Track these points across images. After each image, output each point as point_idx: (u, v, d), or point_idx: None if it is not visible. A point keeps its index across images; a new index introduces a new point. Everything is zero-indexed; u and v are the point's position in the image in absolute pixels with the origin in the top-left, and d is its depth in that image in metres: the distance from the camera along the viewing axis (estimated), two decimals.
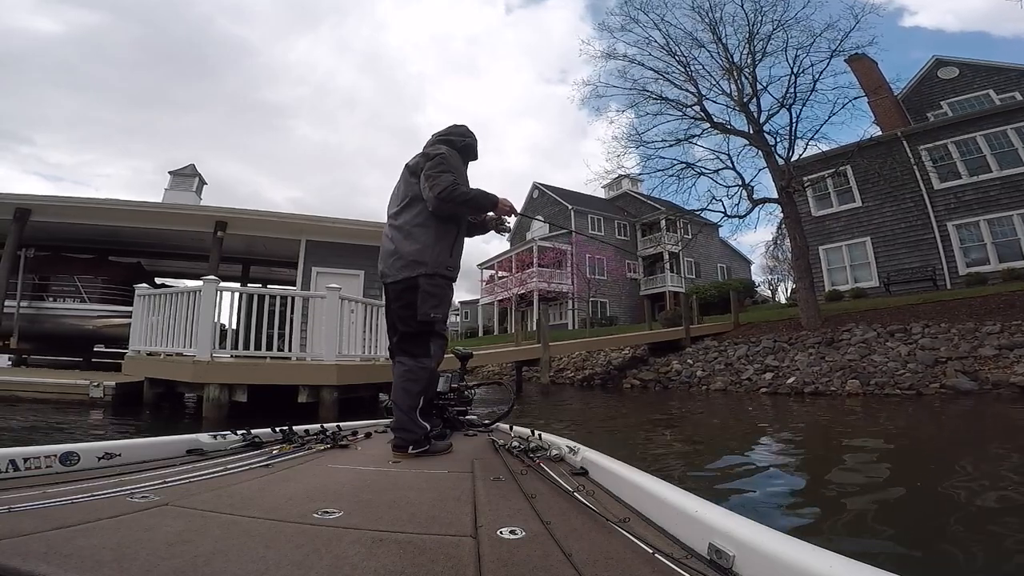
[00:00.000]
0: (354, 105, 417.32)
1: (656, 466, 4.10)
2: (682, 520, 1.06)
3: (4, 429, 5.08)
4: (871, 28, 13.82)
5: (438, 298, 2.26)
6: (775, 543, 0.83)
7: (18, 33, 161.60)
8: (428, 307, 2.23)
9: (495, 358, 14.78)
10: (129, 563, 0.84)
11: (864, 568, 0.74)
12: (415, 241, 2.26)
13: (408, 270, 2.25)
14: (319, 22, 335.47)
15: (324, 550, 0.95)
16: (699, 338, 14.95)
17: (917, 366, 9.09)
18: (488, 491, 1.49)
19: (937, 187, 16.32)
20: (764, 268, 43.06)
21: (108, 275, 11.86)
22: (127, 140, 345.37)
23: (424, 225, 2.27)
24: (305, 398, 6.28)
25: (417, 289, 2.22)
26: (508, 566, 0.91)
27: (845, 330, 11.71)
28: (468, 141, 2.53)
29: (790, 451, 4.98)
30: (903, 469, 4.11)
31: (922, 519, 2.78)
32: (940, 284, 15.70)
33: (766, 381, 10.54)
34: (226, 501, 1.29)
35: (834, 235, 18.44)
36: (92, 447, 1.68)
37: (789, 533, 0.92)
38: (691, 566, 0.89)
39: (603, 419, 7.86)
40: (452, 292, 2.37)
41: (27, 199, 10.36)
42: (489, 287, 36.20)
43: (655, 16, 15.22)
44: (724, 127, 15.25)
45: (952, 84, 19.52)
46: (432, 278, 2.24)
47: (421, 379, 2.23)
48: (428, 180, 2.22)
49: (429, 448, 2.16)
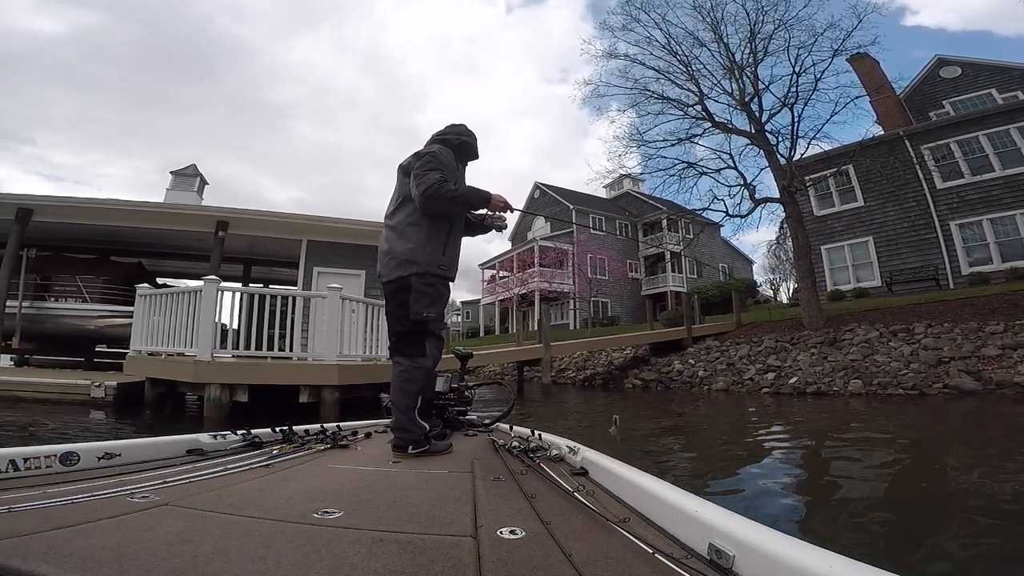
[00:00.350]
0: (354, 105, 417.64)
1: (660, 464, 4.09)
2: (682, 520, 1.06)
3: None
4: (873, 27, 13.80)
5: (431, 297, 2.25)
6: (775, 543, 0.83)
7: (18, 33, 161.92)
8: (420, 306, 2.22)
9: (496, 358, 14.77)
10: (129, 563, 0.84)
11: (864, 568, 0.73)
12: (407, 240, 2.26)
13: (401, 269, 2.25)
14: (319, 22, 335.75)
15: (324, 550, 0.95)
16: (701, 338, 14.92)
17: (920, 366, 9.05)
18: (488, 491, 1.49)
19: (940, 186, 16.28)
20: (766, 268, 43.04)
21: (109, 275, 11.88)
22: (128, 140, 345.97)
23: (416, 224, 2.27)
24: (306, 398, 6.27)
25: (410, 289, 2.23)
26: (508, 566, 0.91)
27: (847, 330, 11.68)
28: (465, 139, 2.51)
29: (792, 451, 4.96)
30: (907, 468, 4.09)
31: (927, 520, 2.76)
32: (943, 284, 15.63)
33: (768, 381, 10.51)
34: (226, 501, 1.29)
35: (836, 235, 18.39)
36: (92, 447, 1.68)
37: (789, 533, 0.91)
38: (691, 566, 0.89)
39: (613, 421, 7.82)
40: (447, 291, 2.35)
41: (28, 199, 10.36)
42: (490, 287, 36.18)
43: (656, 15, 15.21)
44: (726, 126, 15.21)
45: (954, 83, 19.43)
46: (424, 277, 2.24)
47: (418, 379, 2.22)
48: (415, 179, 2.23)
49: (429, 448, 2.15)
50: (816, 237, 17.35)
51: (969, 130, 16.13)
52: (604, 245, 32.47)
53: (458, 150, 2.45)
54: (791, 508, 3.09)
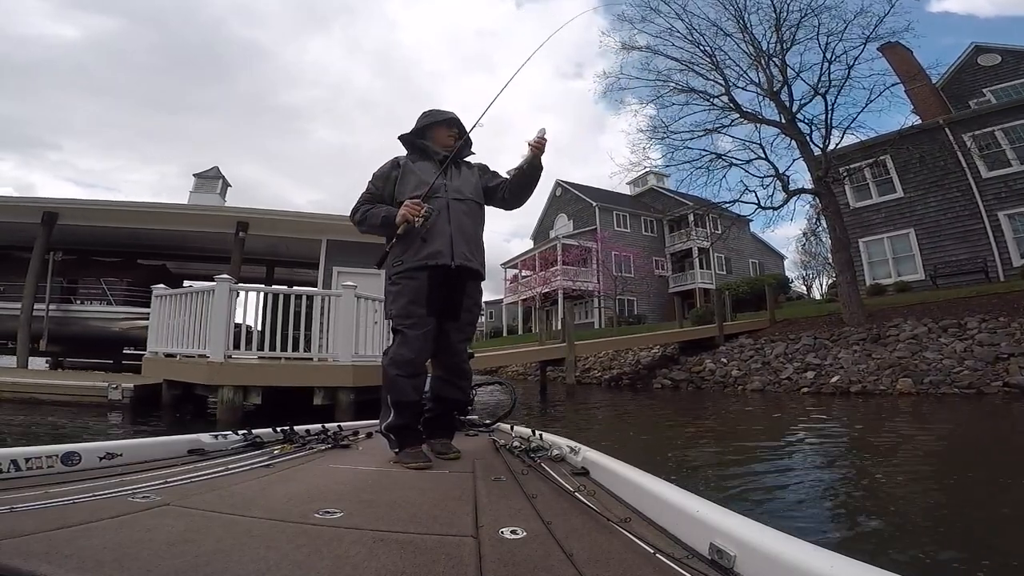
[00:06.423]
0: (369, 105, 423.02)
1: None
2: (683, 520, 1.06)
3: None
4: (907, 13, 13.10)
5: (392, 295, 2.24)
6: (776, 543, 0.82)
7: (37, 40, 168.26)
8: (387, 305, 2.28)
9: (518, 358, 14.48)
10: (130, 563, 0.84)
11: (866, 568, 0.72)
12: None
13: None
14: (329, 22, 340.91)
15: (325, 550, 0.95)
16: (733, 336, 14.31)
17: (976, 363, 8.43)
18: (489, 491, 1.49)
19: (985, 176, 15.46)
20: (797, 264, 41.88)
21: (134, 277, 11.97)
22: (150, 145, 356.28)
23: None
24: (321, 400, 6.06)
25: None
26: (509, 566, 0.91)
27: (892, 325, 11.00)
28: (411, 130, 2.44)
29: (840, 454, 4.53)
30: (959, 472, 3.66)
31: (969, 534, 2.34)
32: (992, 276, 14.75)
33: (808, 380, 9.96)
34: (227, 501, 1.29)
35: (874, 227, 17.58)
36: (94, 447, 1.68)
37: (789, 533, 0.88)
38: (692, 566, 0.89)
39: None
40: (411, 280, 2.17)
41: (54, 203, 10.48)
42: (513, 287, 35.90)
43: (677, 6, 14.67)
44: (755, 116, 14.63)
45: (995, 71, 18.55)
46: (389, 279, 2.26)
47: (384, 377, 2.17)
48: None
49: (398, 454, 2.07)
50: (853, 230, 16.57)
51: (1015, 117, 15.28)
52: (629, 242, 31.89)
53: (414, 136, 2.42)
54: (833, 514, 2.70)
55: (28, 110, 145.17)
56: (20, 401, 6.42)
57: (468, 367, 2.41)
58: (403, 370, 2.11)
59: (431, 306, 2.15)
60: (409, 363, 2.12)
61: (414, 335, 2.13)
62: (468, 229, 2.27)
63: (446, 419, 2.33)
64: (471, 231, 2.29)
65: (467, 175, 2.38)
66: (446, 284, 2.18)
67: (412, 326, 2.14)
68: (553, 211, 36.90)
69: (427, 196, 2.19)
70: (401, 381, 2.10)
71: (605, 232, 30.46)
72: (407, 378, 2.11)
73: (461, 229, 2.23)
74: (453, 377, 2.31)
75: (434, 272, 2.15)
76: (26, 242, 10.52)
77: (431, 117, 2.42)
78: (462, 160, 2.43)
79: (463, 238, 2.22)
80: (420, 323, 2.14)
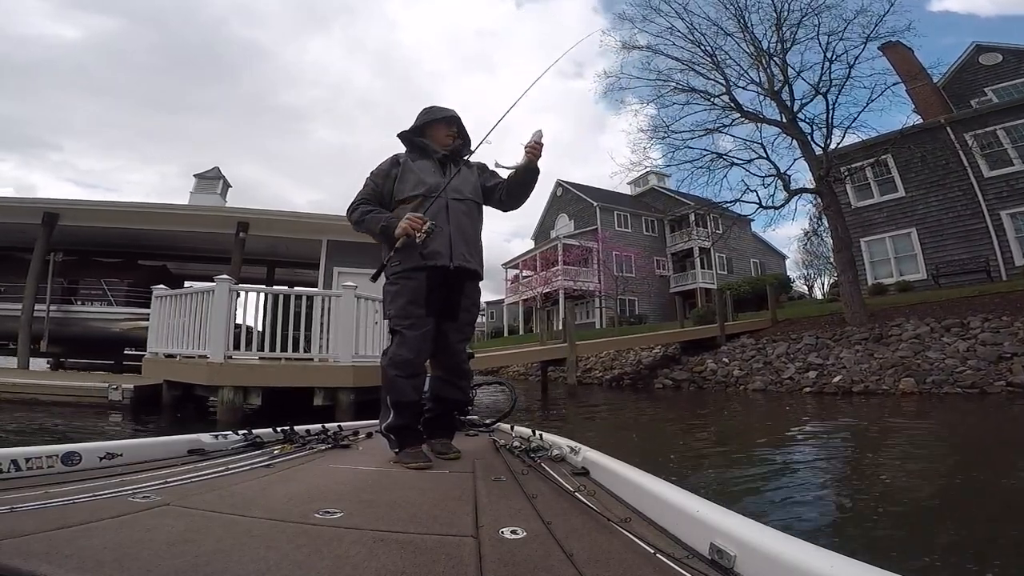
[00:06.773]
0: (368, 105, 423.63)
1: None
2: (683, 520, 1.06)
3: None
4: (907, 12, 13.09)
5: (391, 295, 2.21)
6: (777, 543, 0.82)
7: (37, 40, 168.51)
8: (385, 306, 2.26)
9: (519, 358, 14.47)
10: (130, 563, 0.84)
11: (866, 568, 0.72)
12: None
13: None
14: (329, 22, 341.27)
15: (325, 550, 0.95)
16: (735, 336, 14.28)
17: (979, 362, 8.39)
18: (489, 491, 1.49)
19: (987, 175, 15.40)
20: (798, 263, 41.83)
21: (134, 278, 11.96)
22: (151, 145, 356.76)
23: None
24: (321, 400, 6.04)
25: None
26: (509, 566, 0.91)
27: (894, 325, 10.96)
28: (411, 127, 2.39)
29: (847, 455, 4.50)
30: (963, 471, 3.66)
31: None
32: (995, 276, 14.70)
33: (809, 380, 9.93)
34: (227, 501, 1.29)
35: (876, 226, 17.52)
36: (94, 447, 1.68)
37: (790, 533, 0.88)
38: (692, 566, 0.88)
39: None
40: (409, 280, 2.14)
41: (54, 203, 10.48)
42: (514, 287, 35.85)
43: (678, 6, 14.64)
44: (756, 116, 14.60)
45: (996, 70, 18.47)
46: (388, 279, 2.23)
47: (383, 377, 2.15)
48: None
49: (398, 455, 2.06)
50: (855, 229, 16.48)
51: (1016, 116, 15.21)
52: (630, 242, 31.86)
53: (413, 133, 2.38)
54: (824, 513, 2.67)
55: (28, 110, 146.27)
56: (21, 402, 6.41)
57: (468, 367, 2.39)
58: (402, 370, 2.09)
59: (430, 306, 2.13)
60: (408, 363, 2.10)
61: (413, 335, 2.11)
62: (467, 229, 2.25)
63: (446, 419, 2.31)
64: (470, 231, 2.26)
65: (466, 174, 2.35)
66: (445, 284, 2.16)
67: (411, 326, 2.12)
68: (554, 211, 36.86)
69: (426, 195, 2.17)
70: (400, 381, 2.09)
71: (606, 232, 30.41)
72: (406, 378, 2.09)
73: (460, 229, 2.21)
74: (453, 377, 2.29)
75: (432, 272, 2.13)
76: (27, 243, 10.51)
77: (430, 114, 2.39)
78: (461, 159, 2.41)
79: (462, 238, 2.20)
80: (419, 323, 2.12)
